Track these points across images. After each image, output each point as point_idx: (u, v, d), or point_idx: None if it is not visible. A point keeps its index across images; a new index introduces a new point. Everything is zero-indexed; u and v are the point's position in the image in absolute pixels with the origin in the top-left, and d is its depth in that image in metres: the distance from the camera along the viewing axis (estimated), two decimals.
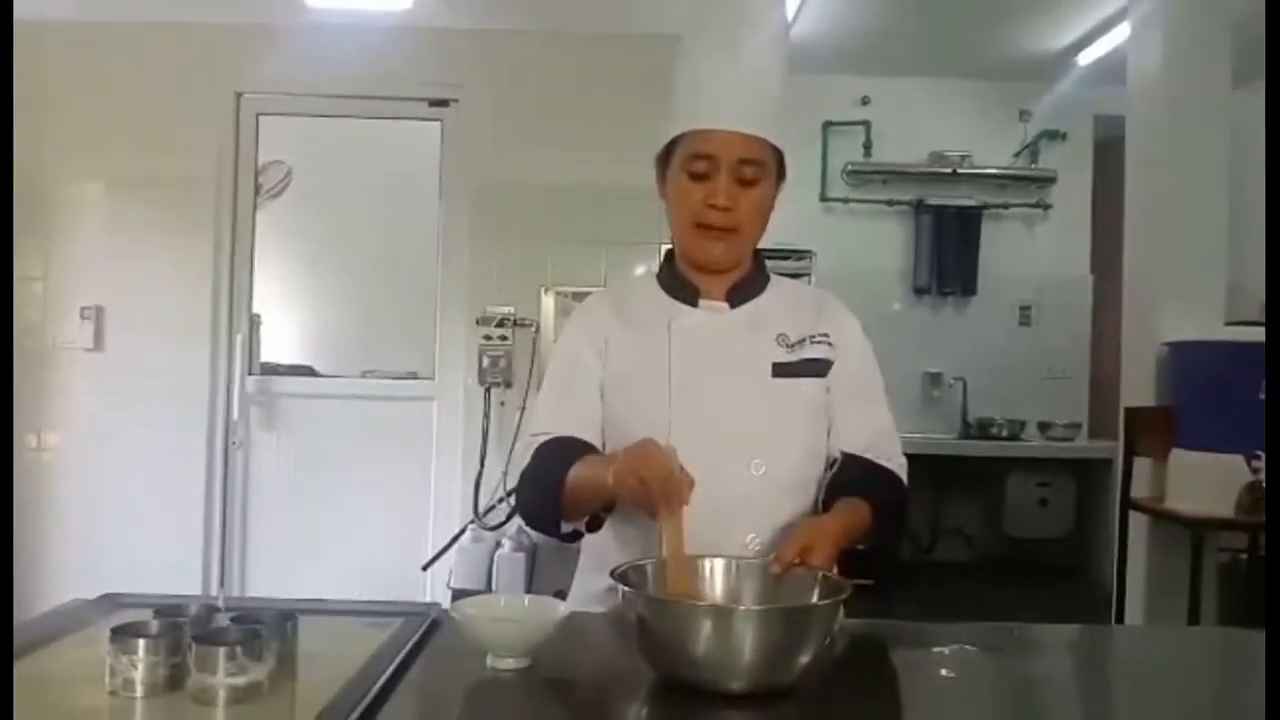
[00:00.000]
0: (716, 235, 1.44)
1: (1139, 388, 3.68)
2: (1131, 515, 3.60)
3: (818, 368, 1.47)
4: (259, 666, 0.99)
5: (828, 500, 1.41)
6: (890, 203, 5.51)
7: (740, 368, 1.45)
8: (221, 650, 0.98)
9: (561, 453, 1.41)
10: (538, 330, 4.01)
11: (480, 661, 1.13)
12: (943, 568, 5.31)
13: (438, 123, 4.25)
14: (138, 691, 0.99)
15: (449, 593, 3.77)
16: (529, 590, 3.65)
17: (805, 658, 1.05)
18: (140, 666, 0.99)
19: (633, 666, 1.10)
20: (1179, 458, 3.37)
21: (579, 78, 4.10)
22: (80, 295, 4.07)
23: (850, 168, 5.46)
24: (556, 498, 1.38)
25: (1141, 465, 3.57)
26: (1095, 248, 5.48)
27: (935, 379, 5.44)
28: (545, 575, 3.67)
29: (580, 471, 1.36)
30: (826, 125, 5.45)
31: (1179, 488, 3.35)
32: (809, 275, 4.38)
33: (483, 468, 3.94)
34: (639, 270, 3.84)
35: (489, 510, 3.94)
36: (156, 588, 1.43)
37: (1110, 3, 4.17)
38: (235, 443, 4.17)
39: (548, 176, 4.06)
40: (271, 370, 4.30)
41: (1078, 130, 5.48)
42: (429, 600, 3.82)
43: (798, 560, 1.22)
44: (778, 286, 1.55)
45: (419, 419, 4.20)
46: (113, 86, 4.07)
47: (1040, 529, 5.25)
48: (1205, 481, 3.22)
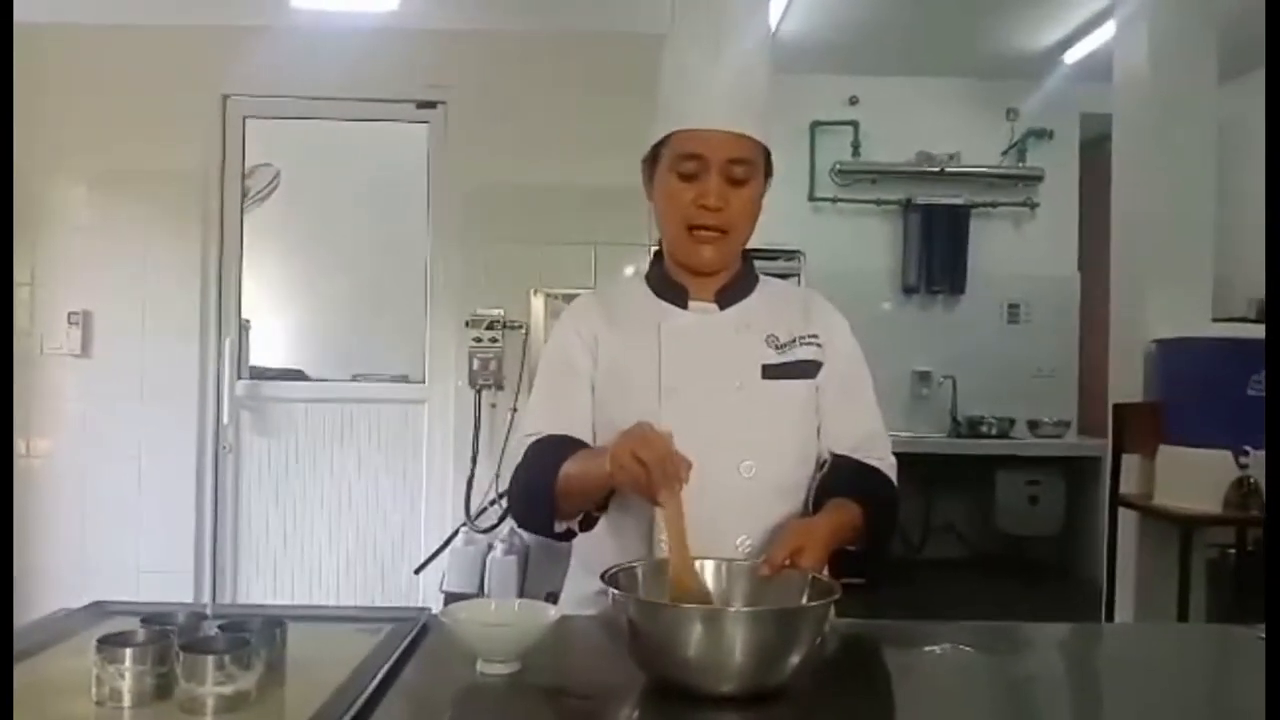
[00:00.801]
0: (707, 238, 1.44)
1: (1127, 385, 3.70)
2: (1121, 512, 3.61)
3: (807, 369, 1.47)
4: (247, 675, 0.98)
5: (818, 501, 1.41)
6: (879, 202, 5.52)
7: (730, 370, 1.44)
8: (209, 659, 0.97)
9: (553, 451, 1.40)
10: (528, 332, 4.01)
11: (470, 667, 1.13)
12: (933, 565, 5.33)
13: (425, 125, 4.24)
14: (125, 701, 0.98)
15: (441, 596, 3.76)
16: (521, 592, 3.65)
17: (796, 659, 1.05)
18: (127, 676, 0.98)
19: (624, 670, 1.10)
20: (1167, 454, 3.38)
21: (568, 78, 4.10)
22: (68, 300, 4.05)
23: (839, 167, 5.47)
24: (550, 496, 1.37)
25: (1130, 462, 3.59)
26: (1083, 246, 5.50)
27: (924, 378, 5.46)
28: (538, 578, 3.67)
29: (574, 466, 1.36)
30: (815, 125, 5.46)
31: (1168, 484, 3.36)
32: (798, 275, 4.39)
33: (474, 470, 3.94)
34: (628, 271, 3.84)
35: (481, 513, 3.93)
36: (147, 594, 1.43)
37: (1096, 0, 4.18)
38: (225, 447, 4.15)
39: (537, 178, 4.06)
40: (261, 374, 4.29)
41: (1064, 128, 5.51)
42: (421, 604, 3.81)
43: (788, 562, 1.22)
44: (766, 287, 1.55)
45: (409, 422, 4.19)
46: (98, 90, 4.05)
47: (1030, 526, 5.26)
48: (1194, 478, 3.24)
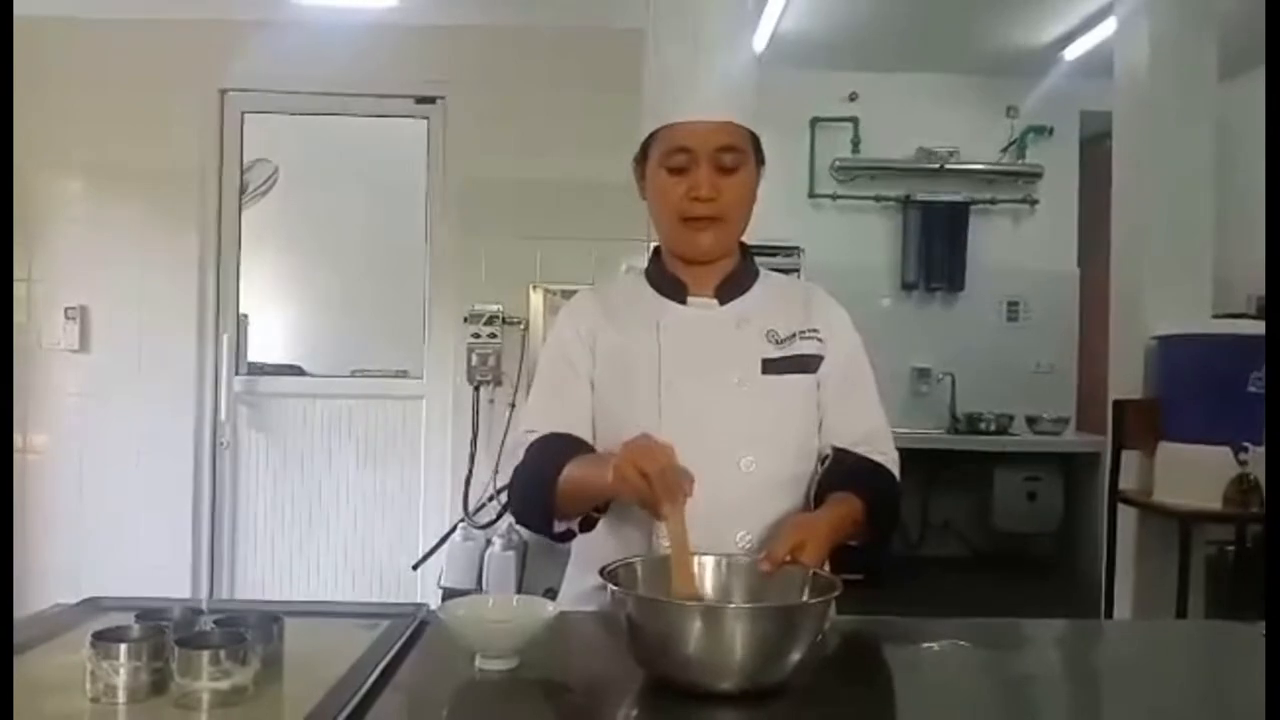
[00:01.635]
0: (703, 225, 1.43)
1: (1126, 381, 3.69)
2: (1120, 508, 3.61)
3: (808, 364, 1.46)
4: (243, 670, 0.98)
5: (819, 496, 1.40)
6: (878, 198, 5.51)
7: (729, 365, 1.44)
8: (205, 654, 0.96)
9: (554, 451, 1.39)
10: (526, 328, 4.00)
11: (469, 662, 1.12)
12: (932, 562, 5.32)
13: (424, 120, 4.23)
14: (120, 697, 0.98)
15: (440, 592, 3.76)
16: (520, 588, 3.65)
17: (796, 656, 1.04)
18: (122, 672, 0.97)
19: (622, 667, 1.09)
20: (1167, 450, 3.38)
21: (566, 73, 4.09)
22: (65, 296, 4.04)
23: (838, 164, 5.46)
24: (549, 496, 1.37)
25: (1129, 458, 3.59)
26: (1082, 243, 5.50)
27: (924, 374, 5.45)
28: (536, 573, 3.67)
29: (575, 470, 1.35)
30: (814, 121, 5.45)
31: (1167, 480, 3.36)
32: (797, 271, 4.38)
33: (472, 466, 3.93)
34: (624, 268, 3.83)
35: (479, 509, 3.93)
36: (145, 590, 1.42)
37: None
38: (223, 443, 4.15)
39: (535, 173, 4.05)
40: (259, 370, 4.28)
41: (1064, 125, 5.50)
42: (419, 600, 3.81)
43: (789, 558, 1.21)
44: (766, 281, 1.54)
45: (408, 418, 4.19)
46: (95, 84, 4.03)
47: (1029, 523, 5.26)
48: (1193, 474, 3.23)
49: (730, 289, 1.49)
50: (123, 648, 0.98)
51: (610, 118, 3.50)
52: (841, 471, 1.41)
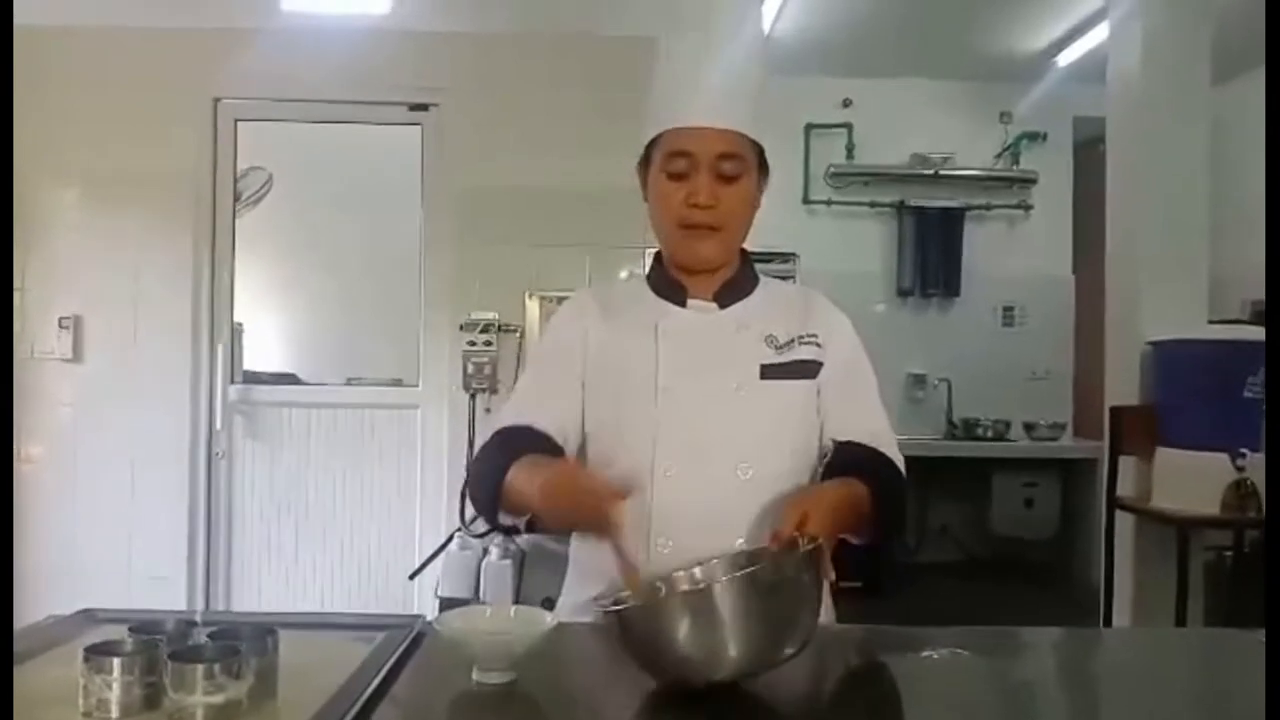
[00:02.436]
0: (702, 233, 1.43)
1: (1123, 387, 3.69)
2: (1117, 514, 3.61)
3: (807, 369, 1.46)
4: (237, 684, 0.97)
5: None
6: (873, 205, 5.51)
7: (728, 369, 1.43)
8: (199, 668, 0.95)
9: (509, 446, 1.39)
10: (522, 335, 3.99)
11: (466, 675, 1.11)
12: (930, 568, 5.31)
13: (418, 127, 4.23)
14: (113, 712, 0.97)
15: (437, 602, 3.74)
16: (518, 598, 3.63)
17: (794, 632, 1.03)
18: (115, 686, 0.97)
19: (621, 678, 1.08)
20: (1164, 456, 3.38)
21: (561, 80, 4.09)
22: (59, 305, 4.03)
23: (832, 170, 5.46)
24: (496, 490, 1.37)
25: (1127, 464, 3.58)
26: (1077, 248, 5.50)
27: (920, 380, 5.45)
28: (534, 583, 3.65)
29: (519, 474, 1.34)
30: (808, 128, 5.45)
31: (1164, 486, 3.36)
32: (793, 278, 4.38)
33: (469, 475, 3.91)
34: (624, 273, 3.83)
35: (475, 518, 3.90)
36: (140, 601, 1.42)
37: (1089, 3, 4.19)
38: (218, 453, 4.13)
39: (530, 180, 4.05)
40: (255, 379, 4.26)
41: (1058, 131, 5.50)
42: (416, 609, 3.79)
43: (797, 531, 1.16)
44: (766, 287, 1.54)
45: (404, 426, 4.17)
46: (89, 93, 4.03)
47: (1026, 529, 5.25)
48: (1191, 480, 3.23)
49: (730, 294, 1.49)
50: (116, 662, 0.97)
51: (606, 124, 3.52)
52: (846, 459, 1.40)
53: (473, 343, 3.96)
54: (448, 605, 3.34)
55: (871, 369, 1.53)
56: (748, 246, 1.53)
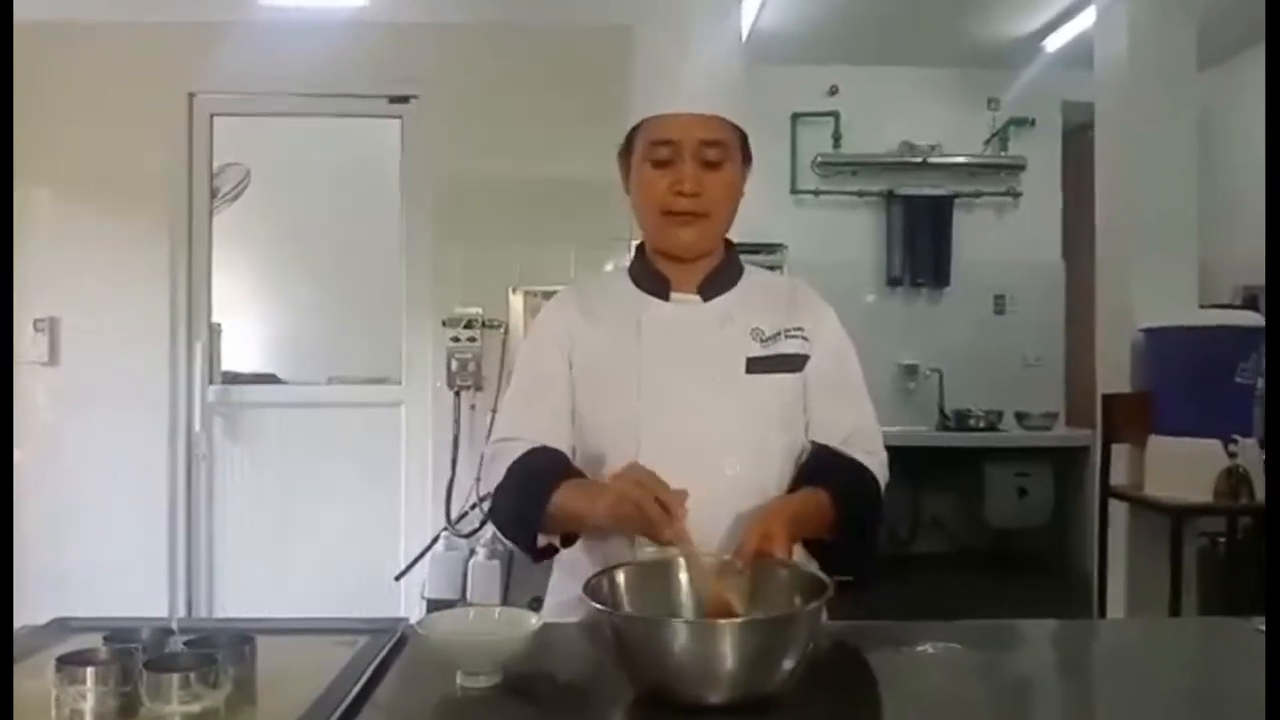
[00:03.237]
0: (686, 220, 1.41)
1: (1115, 375, 3.69)
2: (1110, 502, 3.60)
3: (793, 363, 1.44)
4: (214, 693, 0.96)
5: (793, 491, 1.38)
6: (861, 194, 5.50)
7: (712, 363, 1.41)
8: (174, 677, 0.94)
9: (539, 472, 1.36)
10: (507, 331, 3.94)
11: (449, 679, 1.09)
12: (923, 559, 5.32)
13: (398, 120, 4.17)
14: None
15: (423, 603, 3.70)
16: (505, 598, 3.60)
17: (789, 665, 1.01)
18: (89, 697, 0.95)
19: (606, 680, 1.07)
20: (1157, 444, 3.37)
21: (542, 71, 4.04)
22: (33, 307, 3.95)
23: (820, 159, 5.45)
24: (537, 521, 1.35)
25: (1119, 452, 3.58)
26: (1067, 234, 5.51)
27: (911, 371, 5.44)
28: (521, 583, 3.61)
29: (567, 501, 1.32)
30: (795, 117, 5.43)
31: (1157, 474, 3.35)
32: (781, 268, 4.35)
33: (454, 474, 3.87)
34: (609, 266, 3.78)
35: (461, 517, 3.86)
36: (120, 606, 1.39)
37: None
38: (199, 454, 4.07)
39: (513, 173, 4.00)
40: (234, 379, 4.20)
41: (1046, 117, 5.51)
42: (403, 611, 3.74)
43: (760, 554, 1.19)
44: (751, 278, 1.52)
45: (387, 425, 4.12)
46: (60, 89, 3.96)
47: (1020, 518, 5.26)
48: (1183, 467, 3.23)
49: (714, 286, 1.47)
50: (89, 671, 0.96)
51: (589, 116, 3.47)
52: (815, 466, 1.40)
53: (456, 339, 3.91)
54: (434, 606, 3.30)
55: (857, 361, 1.52)
56: (735, 237, 1.52)
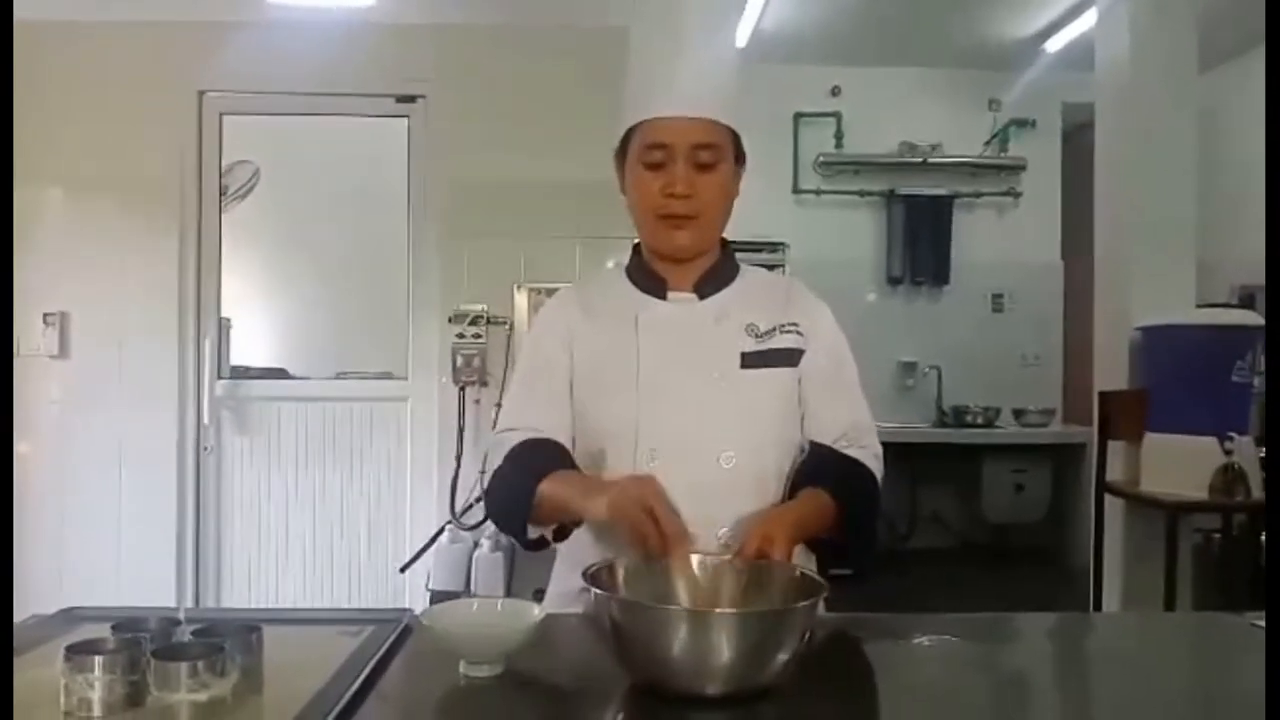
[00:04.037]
0: (679, 223, 1.42)
1: (1112, 372, 3.70)
2: (1107, 499, 3.62)
3: (788, 357, 1.45)
4: (222, 681, 0.96)
5: (793, 491, 1.40)
6: (862, 193, 5.51)
7: (708, 359, 1.43)
8: (182, 666, 0.95)
9: (533, 461, 1.39)
10: (511, 328, 3.98)
11: (453, 669, 1.10)
12: (920, 555, 5.34)
13: (405, 119, 4.20)
14: (95, 711, 0.95)
15: (428, 594, 3.74)
16: (509, 589, 3.64)
17: (783, 658, 1.03)
18: (97, 685, 0.95)
19: (609, 670, 1.08)
20: (1153, 441, 3.39)
21: (548, 71, 4.07)
22: (43, 301, 3.99)
23: (822, 159, 5.46)
24: (525, 510, 1.37)
25: (1116, 449, 3.60)
26: (1066, 234, 5.52)
27: (910, 368, 5.46)
28: (524, 574, 3.65)
29: (558, 490, 1.34)
30: (797, 116, 5.44)
31: (1153, 471, 3.37)
32: (782, 267, 4.38)
33: (459, 467, 3.91)
34: (609, 265, 3.81)
35: (466, 510, 3.91)
36: (128, 598, 1.41)
37: None
38: (207, 448, 4.11)
39: (518, 172, 4.03)
40: (243, 373, 4.24)
41: (1046, 118, 5.52)
42: (407, 603, 3.79)
43: (759, 555, 1.21)
44: (747, 276, 1.54)
45: (393, 420, 4.16)
46: (71, 88, 3.99)
47: (1017, 514, 5.28)
48: (1179, 464, 3.24)
49: (710, 284, 1.49)
50: (98, 660, 0.96)
51: (593, 115, 3.48)
52: (815, 466, 1.41)
53: (461, 335, 3.95)
54: (439, 598, 3.34)
55: (852, 357, 1.53)
56: (737, 236, 1.53)
